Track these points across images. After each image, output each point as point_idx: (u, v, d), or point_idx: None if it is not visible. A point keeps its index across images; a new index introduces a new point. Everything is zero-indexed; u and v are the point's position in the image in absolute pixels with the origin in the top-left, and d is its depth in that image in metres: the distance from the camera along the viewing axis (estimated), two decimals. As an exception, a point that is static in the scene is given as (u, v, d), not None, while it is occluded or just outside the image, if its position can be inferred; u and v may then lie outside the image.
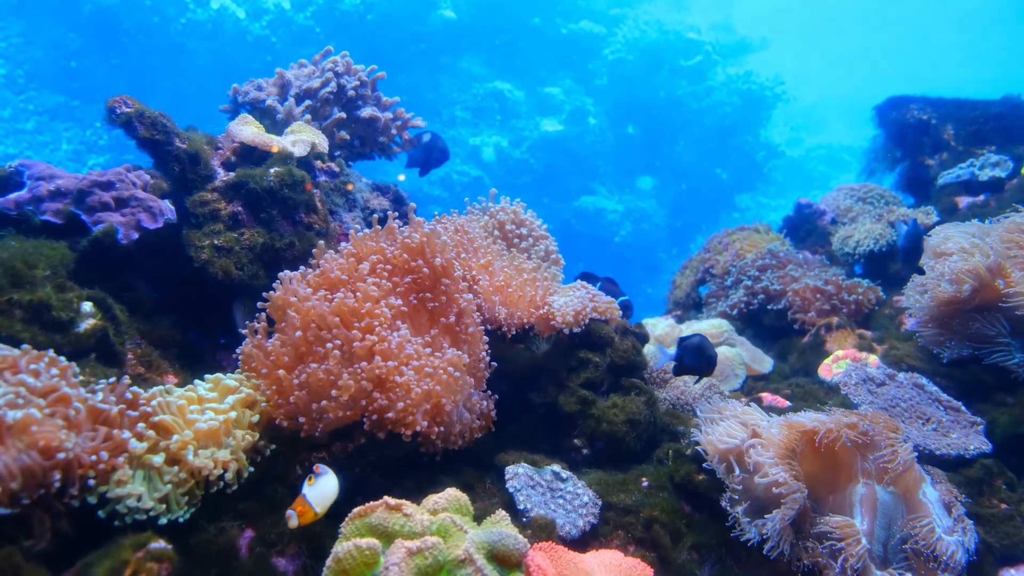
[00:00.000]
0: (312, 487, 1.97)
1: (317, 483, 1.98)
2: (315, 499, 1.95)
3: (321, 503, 1.96)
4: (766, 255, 4.70)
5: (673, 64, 18.67)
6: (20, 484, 1.69)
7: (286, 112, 3.68)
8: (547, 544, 2.05)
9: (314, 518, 1.96)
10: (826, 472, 2.37)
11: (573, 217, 17.49)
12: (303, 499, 1.95)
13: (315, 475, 2.00)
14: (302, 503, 1.94)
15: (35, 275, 2.39)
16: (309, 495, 1.95)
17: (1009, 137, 4.93)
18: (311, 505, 1.94)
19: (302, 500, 1.94)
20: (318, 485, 1.98)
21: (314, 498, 1.95)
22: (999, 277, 3.00)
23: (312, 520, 1.96)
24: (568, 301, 3.02)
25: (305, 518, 1.93)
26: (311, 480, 1.98)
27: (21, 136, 14.60)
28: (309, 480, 1.98)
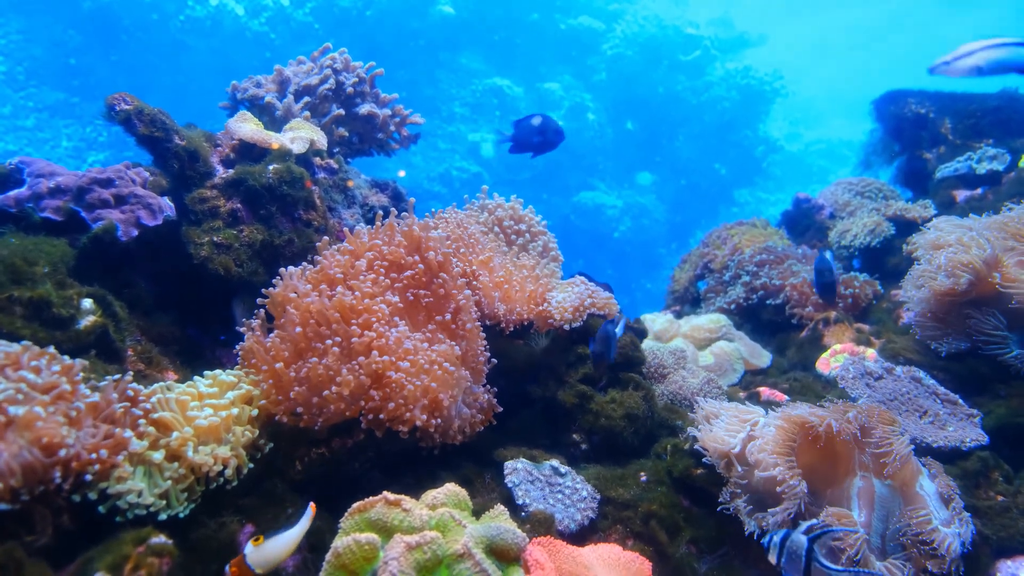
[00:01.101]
0: (258, 548, 1.81)
1: (266, 544, 1.82)
2: (256, 562, 1.80)
3: (263, 565, 1.82)
4: (764, 250, 4.71)
5: (672, 59, 18.66)
6: (21, 480, 1.70)
7: (285, 109, 3.68)
8: (546, 538, 2.06)
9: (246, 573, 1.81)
10: (824, 465, 2.38)
11: (572, 213, 17.50)
12: (243, 560, 1.81)
13: (267, 535, 1.84)
14: (241, 565, 1.80)
15: (35, 272, 2.40)
16: (251, 557, 1.80)
17: (1007, 130, 4.93)
18: (250, 568, 1.80)
19: (241, 561, 1.81)
20: (266, 547, 1.82)
21: (255, 560, 1.80)
22: (996, 270, 3.01)
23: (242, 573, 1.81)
24: (567, 297, 3.03)
25: (237, 573, 1.80)
26: (258, 540, 1.82)
27: (21, 133, 14.60)
28: (256, 540, 1.82)
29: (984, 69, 2.30)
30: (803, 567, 1.93)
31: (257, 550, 1.81)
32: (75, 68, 15.21)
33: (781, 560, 1.98)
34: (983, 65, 2.30)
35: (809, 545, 1.93)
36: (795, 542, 1.96)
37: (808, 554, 1.93)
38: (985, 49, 2.27)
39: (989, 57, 2.25)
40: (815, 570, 1.93)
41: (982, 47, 2.26)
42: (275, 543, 1.83)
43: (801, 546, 1.94)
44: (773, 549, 2.00)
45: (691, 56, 18.81)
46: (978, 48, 2.27)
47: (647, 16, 19.17)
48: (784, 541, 1.98)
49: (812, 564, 1.93)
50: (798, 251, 4.79)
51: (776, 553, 1.99)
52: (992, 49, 2.26)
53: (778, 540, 2.00)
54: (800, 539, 1.95)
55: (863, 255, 4.75)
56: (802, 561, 1.93)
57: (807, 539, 1.94)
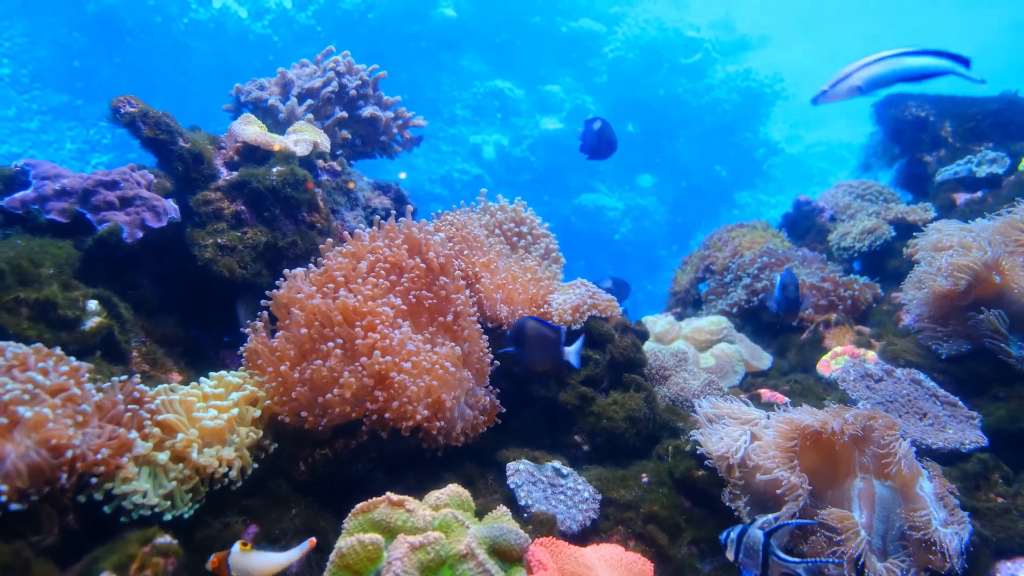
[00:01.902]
0: (243, 554, 1.81)
1: (252, 555, 1.82)
2: (236, 566, 1.80)
3: (241, 572, 1.81)
4: (765, 253, 4.72)
5: (673, 62, 18.66)
6: (28, 481, 1.71)
7: (288, 111, 3.70)
8: (548, 539, 2.08)
9: (222, 574, 1.81)
10: (824, 467, 2.39)
11: (573, 215, 17.50)
12: (226, 558, 1.81)
13: (256, 547, 1.85)
14: (222, 562, 1.81)
15: (41, 274, 2.41)
16: (233, 559, 1.80)
17: (1007, 133, 4.94)
18: (229, 569, 1.80)
19: (224, 559, 1.81)
20: (251, 557, 1.82)
21: (235, 564, 1.80)
22: (996, 272, 3.02)
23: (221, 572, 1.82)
24: (567, 299, 3.05)
25: (216, 570, 1.81)
26: (247, 547, 1.82)
27: (25, 135, 14.62)
28: (245, 546, 1.82)
29: (864, 88, 2.28)
30: (760, 561, 1.94)
31: (242, 555, 1.81)
32: (79, 70, 15.23)
33: (738, 556, 1.99)
34: (862, 84, 2.27)
35: (766, 540, 1.95)
36: (751, 537, 1.97)
37: (765, 548, 1.94)
38: (861, 68, 2.24)
39: (866, 76, 2.23)
40: (773, 563, 1.94)
41: (858, 66, 2.24)
42: (261, 558, 1.83)
43: (758, 541, 1.95)
44: (730, 545, 2.01)
45: (692, 59, 18.82)
46: (855, 68, 2.24)
47: (648, 19, 19.18)
48: (740, 537, 1.99)
49: (770, 558, 1.94)
50: (799, 253, 4.80)
51: (733, 549, 2.01)
52: (868, 67, 2.23)
53: (735, 536, 2.01)
54: (757, 534, 1.97)
55: (863, 258, 4.77)
56: (759, 555, 1.94)
57: (763, 533, 1.96)
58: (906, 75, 2.20)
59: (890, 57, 2.18)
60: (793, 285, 3.09)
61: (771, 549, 1.94)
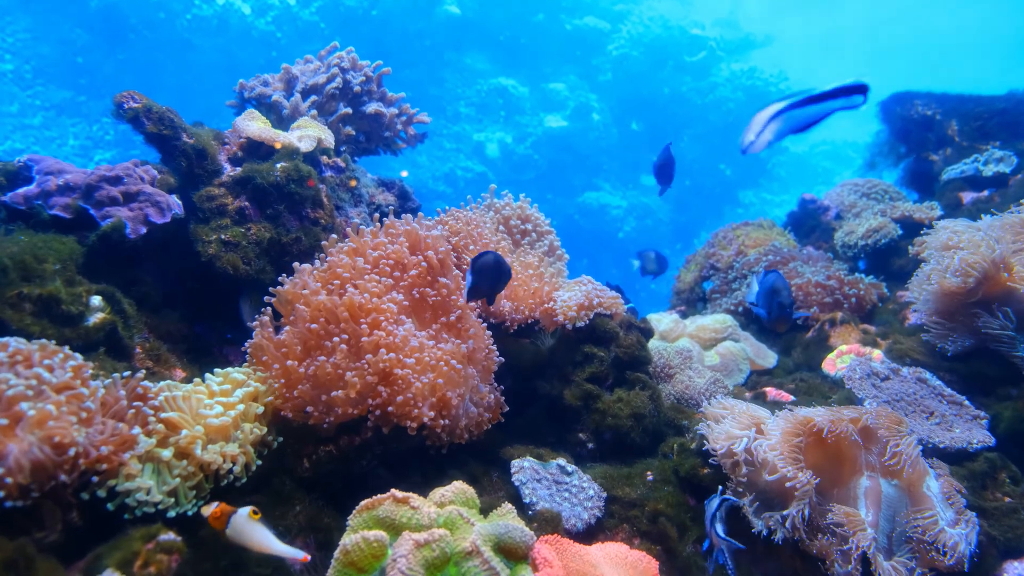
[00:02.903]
0: (248, 521, 1.82)
1: (256, 525, 1.83)
2: (236, 527, 1.82)
3: (236, 535, 1.83)
4: (770, 251, 4.71)
5: (677, 60, 18.66)
6: (30, 477, 1.71)
7: (292, 107, 3.69)
8: (553, 537, 2.07)
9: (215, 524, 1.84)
10: (831, 465, 2.38)
11: (577, 213, 17.51)
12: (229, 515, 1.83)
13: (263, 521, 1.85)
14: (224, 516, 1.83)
15: (45, 269, 2.41)
16: (237, 519, 1.82)
17: (1013, 132, 4.92)
18: (227, 527, 1.83)
19: (226, 514, 1.83)
20: (253, 527, 1.82)
21: (236, 525, 1.82)
22: (1004, 270, 3.01)
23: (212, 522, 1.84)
24: (572, 296, 3.03)
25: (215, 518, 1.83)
26: (257, 516, 1.83)
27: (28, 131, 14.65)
28: (255, 515, 1.83)
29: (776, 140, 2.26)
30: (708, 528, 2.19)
31: (247, 521, 1.82)
32: (82, 66, 15.26)
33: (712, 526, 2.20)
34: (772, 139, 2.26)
35: (712, 516, 2.19)
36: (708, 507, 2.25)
37: (712, 520, 2.18)
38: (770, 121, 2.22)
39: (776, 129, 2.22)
40: (714, 537, 2.16)
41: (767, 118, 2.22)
42: (262, 534, 1.83)
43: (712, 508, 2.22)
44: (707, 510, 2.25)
45: (697, 57, 18.81)
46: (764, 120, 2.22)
47: (653, 17, 19.18)
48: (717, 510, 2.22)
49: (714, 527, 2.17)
50: (803, 252, 4.78)
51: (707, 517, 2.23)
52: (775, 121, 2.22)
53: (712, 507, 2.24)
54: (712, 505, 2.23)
55: (869, 256, 4.75)
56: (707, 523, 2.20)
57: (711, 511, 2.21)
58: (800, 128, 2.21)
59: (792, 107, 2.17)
60: (786, 290, 2.86)
61: (712, 524, 2.17)
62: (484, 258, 2.55)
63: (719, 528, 2.15)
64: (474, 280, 2.54)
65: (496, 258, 2.56)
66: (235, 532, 1.83)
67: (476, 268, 2.54)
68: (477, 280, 2.54)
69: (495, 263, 2.55)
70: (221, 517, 1.83)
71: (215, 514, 1.83)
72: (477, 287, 2.56)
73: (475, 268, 2.54)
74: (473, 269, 2.54)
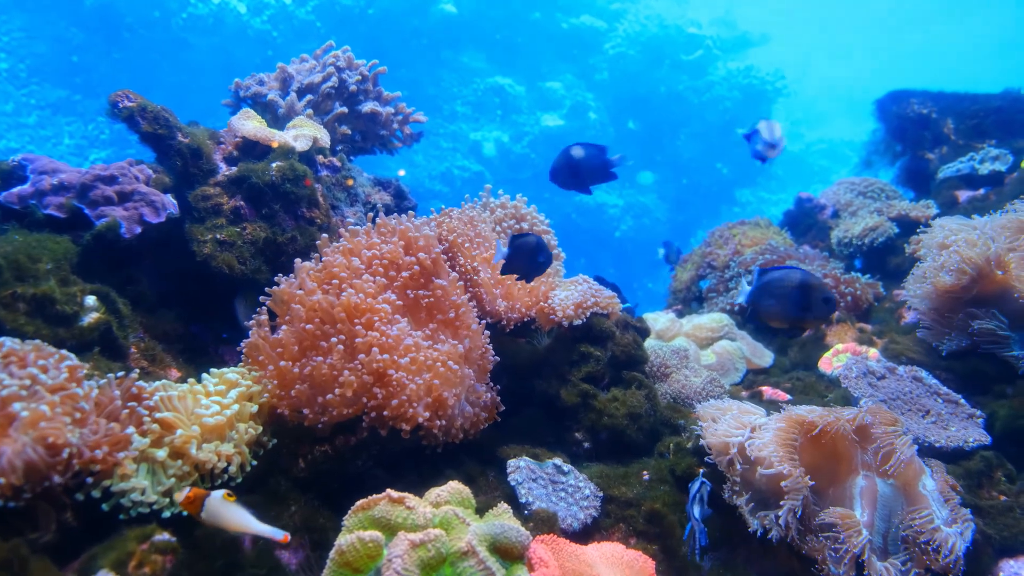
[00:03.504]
0: (223, 503, 1.81)
1: (231, 507, 1.82)
2: (210, 510, 1.81)
3: (211, 517, 1.81)
4: (766, 250, 4.71)
5: (674, 59, 18.66)
6: (23, 478, 1.70)
7: (288, 107, 3.68)
8: (549, 537, 2.06)
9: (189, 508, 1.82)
10: (826, 464, 2.38)
11: (574, 212, 17.51)
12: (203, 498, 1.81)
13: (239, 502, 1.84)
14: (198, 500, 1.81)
15: (39, 269, 2.40)
16: (212, 502, 1.81)
17: (1009, 131, 4.93)
18: (201, 509, 1.81)
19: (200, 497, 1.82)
20: (229, 508, 1.82)
21: (211, 508, 1.81)
22: (999, 268, 3.01)
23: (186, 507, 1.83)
24: (569, 295, 3.03)
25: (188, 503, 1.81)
26: (231, 498, 1.82)
27: (23, 130, 14.62)
28: (229, 496, 1.82)
29: None
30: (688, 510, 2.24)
31: (222, 503, 1.81)
32: (77, 65, 15.22)
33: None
34: None
35: (691, 499, 2.23)
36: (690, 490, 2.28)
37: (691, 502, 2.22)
38: None
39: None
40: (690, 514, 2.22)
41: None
42: (238, 514, 1.82)
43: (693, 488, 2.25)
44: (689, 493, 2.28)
45: (693, 56, 18.81)
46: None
47: (649, 15, 19.18)
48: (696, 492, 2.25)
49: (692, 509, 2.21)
50: (800, 251, 4.79)
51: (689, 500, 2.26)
52: None
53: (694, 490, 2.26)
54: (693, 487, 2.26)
55: (865, 255, 4.76)
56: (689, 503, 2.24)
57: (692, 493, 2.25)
58: None
59: None
60: (821, 283, 2.62)
61: (691, 506, 2.21)
62: (526, 238, 2.57)
63: (696, 511, 2.18)
64: (510, 256, 2.57)
65: (538, 241, 2.58)
66: (210, 515, 1.82)
67: (515, 246, 2.57)
68: (513, 257, 2.56)
69: (536, 245, 2.57)
70: (195, 501, 1.81)
71: (188, 498, 1.82)
72: (512, 264, 2.59)
73: (513, 245, 2.57)
74: (511, 245, 2.57)
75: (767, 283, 2.58)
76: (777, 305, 2.56)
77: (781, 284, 2.56)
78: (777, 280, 2.57)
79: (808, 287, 2.53)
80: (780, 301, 2.56)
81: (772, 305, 2.57)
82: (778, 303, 2.56)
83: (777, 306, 2.57)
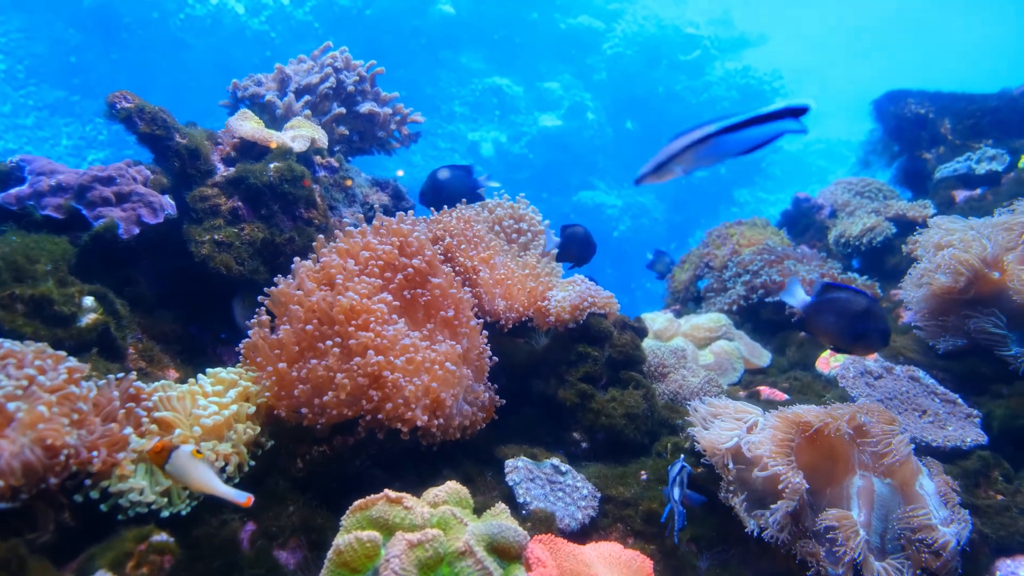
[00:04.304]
0: (191, 458, 1.83)
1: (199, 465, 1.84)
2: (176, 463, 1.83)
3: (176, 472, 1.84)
4: (764, 250, 4.71)
5: (672, 59, 18.68)
6: (21, 479, 1.70)
7: (285, 107, 3.69)
8: (547, 536, 2.07)
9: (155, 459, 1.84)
10: (823, 464, 2.38)
11: (572, 212, 17.49)
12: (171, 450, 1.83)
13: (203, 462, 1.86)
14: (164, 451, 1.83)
15: (37, 270, 2.40)
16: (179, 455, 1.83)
17: (1006, 131, 4.94)
18: (167, 461, 1.83)
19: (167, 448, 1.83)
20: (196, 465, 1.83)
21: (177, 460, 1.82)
22: (996, 269, 3.02)
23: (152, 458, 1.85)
24: (567, 296, 3.03)
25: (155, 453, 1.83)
26: (199, 455, 1.84)
27: (21, 131, 14.60)
28: (197, 454, 1.84)
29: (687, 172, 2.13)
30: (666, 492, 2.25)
31: (189, 459, 1.83)
32: (75, 66, 15.21)
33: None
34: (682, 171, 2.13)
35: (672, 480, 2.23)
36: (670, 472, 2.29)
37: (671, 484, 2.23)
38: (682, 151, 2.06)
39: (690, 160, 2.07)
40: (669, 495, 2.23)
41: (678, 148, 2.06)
42: (203, 473, 1.84)
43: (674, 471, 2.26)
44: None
45: (691, 56, 18.84)
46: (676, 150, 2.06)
47: (647, 16, 19.20)
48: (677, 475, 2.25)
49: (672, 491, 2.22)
50: (797, 251, 4.79)
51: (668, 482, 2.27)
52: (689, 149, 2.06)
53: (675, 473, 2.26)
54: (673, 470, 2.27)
55: (863, 255, 4.76)
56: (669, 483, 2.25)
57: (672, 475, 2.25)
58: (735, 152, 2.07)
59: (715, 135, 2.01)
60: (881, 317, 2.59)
61: (671, 488, 2.22)
62: (574, 228, 3.01)
63: (676, 493, 2.19)
64: (563, 244, 3.04)
65: (585, 231, 3.00)
66: (175, 469, 1.83)
67: (566, 235, 3.05)
68: (566, 245, 3.01)
69: (584, 234, 2.99)
70: (162, 452, 1.82)
71: (155, 449, 1.82)
72: (566, 250, 3.03)
73: (564, 234, 3.05)
74: (563, 234, 3.05)
75: (831, 300, 2.58)
76: (835, 324, 2.56)
77: (846, 306, 2.56)
78: (843, 301, 2.57)
79: (870, 316, 2.54)
80: (839, 321, 2.56)
81: (830, 323, 2.58)
82: (837, 323, 2.56)
83: (835, 325, 2.57)
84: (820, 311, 2.60)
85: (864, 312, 2.53)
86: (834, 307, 2.57)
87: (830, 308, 2.58)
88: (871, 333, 2.54)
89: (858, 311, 2.53)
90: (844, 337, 2.57)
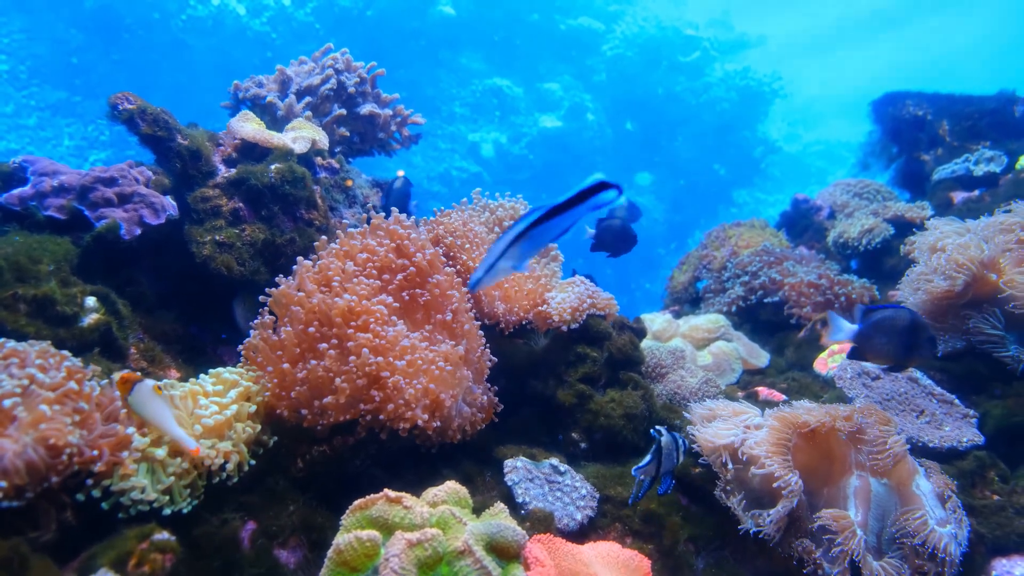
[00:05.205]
0: (153, 394, 1.91)
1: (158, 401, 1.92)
2: (137, 397, 1.91)
3: (137, 406, 1.91)
4: (762, 251, 4.73)
5: (671, 60, 18.70)
6: (25, 478, 1.71)
7: (287, 108, 3.70)
8: (545, 536, 2.08)
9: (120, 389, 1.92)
10: (820, 464, 2.40)
11: (572, 213, 17.48)
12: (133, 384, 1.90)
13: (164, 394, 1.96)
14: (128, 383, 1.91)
15: (39, 270, 2.41)
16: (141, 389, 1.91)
17: (1004, 132, 4.95)
18: (130, 395, 1.90)
19: (130, 381, 1.91)
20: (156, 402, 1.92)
21: (139, 393, 1.91)
22: (993, 271, 3.03)
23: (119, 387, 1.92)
24: (566, 297, 3.05)
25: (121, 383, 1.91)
26: (160, 391, 1.92)
27: (23, 132, 14.62)
28: (159, 390, 1.92)
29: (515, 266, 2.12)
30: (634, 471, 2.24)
31: (149, 395, 1.91)
32: (77, 67, 15.23)
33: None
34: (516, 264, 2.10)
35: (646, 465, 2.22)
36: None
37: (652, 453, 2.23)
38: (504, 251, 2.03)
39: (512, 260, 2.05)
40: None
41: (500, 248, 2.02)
42: (160, 412, 1.93)
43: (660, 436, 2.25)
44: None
45: (690, 57, 18.86)
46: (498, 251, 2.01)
47: (647, 17, 19.22)
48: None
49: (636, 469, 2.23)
50: (796, 252, 4.81)
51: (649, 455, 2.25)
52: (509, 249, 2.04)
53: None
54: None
55: (861, 256, 4.77)
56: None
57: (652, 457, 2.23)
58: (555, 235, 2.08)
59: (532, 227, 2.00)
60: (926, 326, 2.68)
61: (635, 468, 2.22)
62: (611, 221, 3.08)
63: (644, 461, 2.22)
64: (598, 235, 3.10)
65: (623, 224, 3.06)
66: (136, 402, 1.89)
67: (601, 228, 3.10)
68: (601, 237, 3.08)
69: (622, 227, 3.06)
70: (127, 383, 1.88)
71: (123, 378, 1.89)
72: (601, 242, 3.11)
73: (599, 227, 3.11)
74: (598, 227, 3.11)
75: (878, 322, 2.64)
76: (888, 344, 2.63)
77: (893, 323, 2.62)
78: (889, 319, 2.63)
79: (917, 327, 2.62)
80: (891, 341, 2.62)
81: (883, 343, 2.63)
82: (889, 343, 2.63)
83: (888, 345, 2.63)
84: (870, 336, 2.65)
85: (910, 326, 2.61)
86: (882, 328, 2.63)
87: (879, 330, 2.64)
88: (922, 344, 2.62)
89: (905, 326, 2.61)
90: (899, 354, 2.64)
